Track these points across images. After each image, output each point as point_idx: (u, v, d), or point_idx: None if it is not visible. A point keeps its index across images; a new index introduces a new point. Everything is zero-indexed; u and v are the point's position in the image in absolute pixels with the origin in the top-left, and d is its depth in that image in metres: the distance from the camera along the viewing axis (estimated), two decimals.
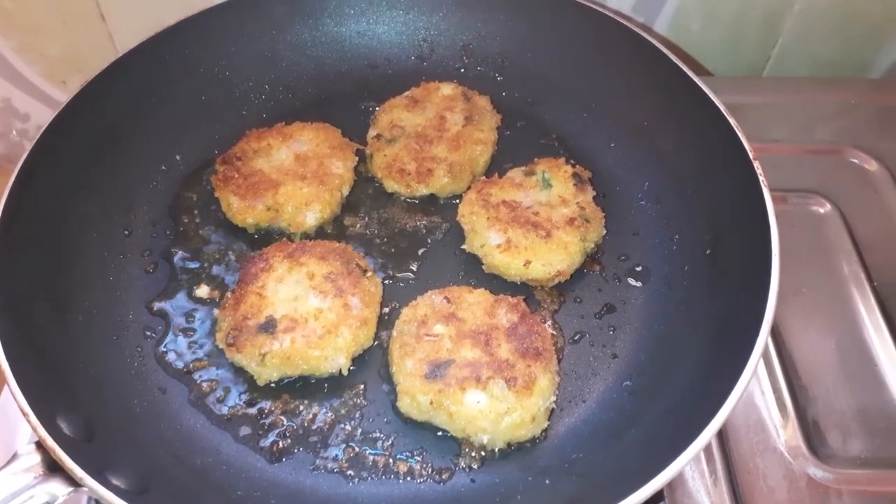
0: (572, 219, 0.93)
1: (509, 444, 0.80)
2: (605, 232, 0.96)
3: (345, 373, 0.85)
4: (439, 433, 0.82)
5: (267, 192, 0.96)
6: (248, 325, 0.84)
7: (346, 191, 1.01)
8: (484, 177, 1.00)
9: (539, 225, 0.93)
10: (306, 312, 0.85)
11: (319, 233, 0.99)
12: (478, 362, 0.81)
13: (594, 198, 0.97)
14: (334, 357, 0.84)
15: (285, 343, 0.83)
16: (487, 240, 0.93)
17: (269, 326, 0.84)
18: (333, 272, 0.88)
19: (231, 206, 0.97)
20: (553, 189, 0.97)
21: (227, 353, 0.85)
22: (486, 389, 0.79)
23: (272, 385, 0.86)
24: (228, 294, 0.90)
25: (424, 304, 0.87)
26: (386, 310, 0.92)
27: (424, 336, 0.83)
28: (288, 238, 0.96)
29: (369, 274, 0.91)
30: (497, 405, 0.78)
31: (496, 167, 1.05)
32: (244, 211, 0.96)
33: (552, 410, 0.83)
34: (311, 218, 0.96)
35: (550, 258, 0.91)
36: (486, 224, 0.94)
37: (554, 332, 0.90)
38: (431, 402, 0.79)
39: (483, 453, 0.81)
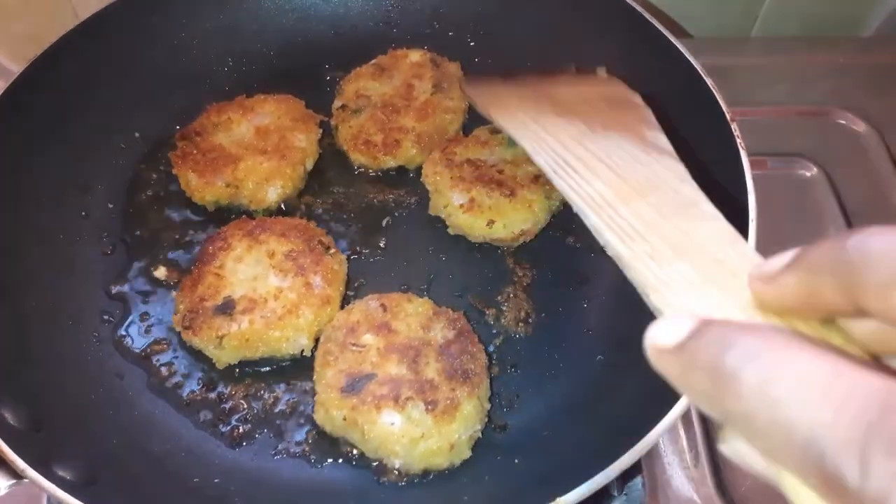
0: (537, 176, 0.90)
1: (425, 471, 0.75)
2: None
3: (307, 353, 0.82)
4: None
5: (226, 168, 0.92)
6: (204, 307, 0.81)
7: (309, 165, 0.97)
8: (448, 139, 0.96)
9: (503, 183, 0.90)
10: (266, 292, 0.82)
11: (283, 209, 0.95)
12: (400, 380, 0.75)
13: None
14: (295, 338, 0.81)
15: (243, 325, 0.80)
16: (450, 200, 0.90)
17: (226, 308, 0.81)
18: (294, 250, 0.85)
19: (190, 183, 0.93)
20: (518, 147, 0.92)
21: (184, 336, 0.82)
22: (402, 411, 0.73)
23: (233, 368, 0.82)
24: (186, 275, 0.86)
25: (359, 309, 0.82)
26: (352, 288, 0.89)
27: (350, 345, 0.78)
28: (249, 216, 0.93)
29: (332, 251, 0.87)
30: (412, 429, 0.72)
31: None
32: (203, 188, 0.92)
33: (478, 438, 0.77)
34: (273, 194, 0.93)
35: (514, 217, 0.89)
36: (450, 184, 0.90)
37: (527, 309, 0.87)
38: (345, 418, 0.73)
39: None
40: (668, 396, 0.68)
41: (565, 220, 0.94)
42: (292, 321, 0.80)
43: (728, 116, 0.84)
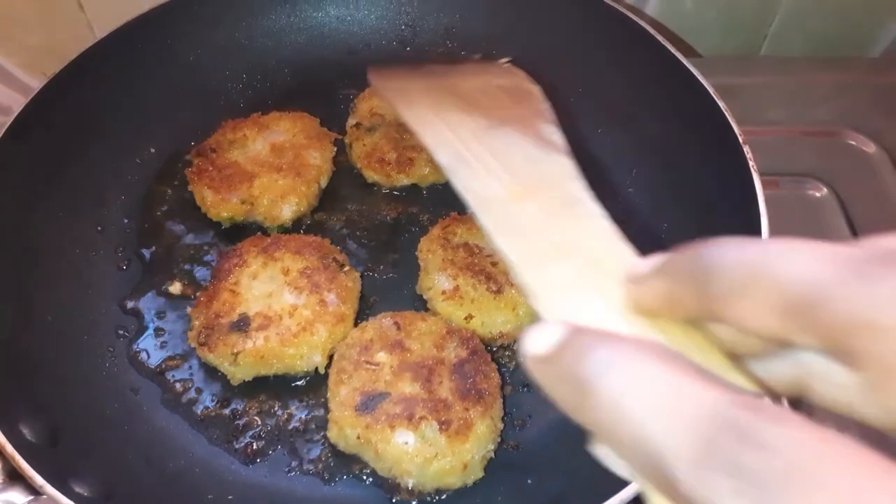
0: None
1: (438, 490, 0.75)
2: None
3: (321, 371, 0.82)
4: None
5: (241, 185, 0.93)
6: (220, 324, 0.82)
7: (323, 182, 0.98)
8: (455, 213, 0.94)
9: (492, 277, 0.86)
10: (281, 309, 0.83)
11: (297, 226, 0.96)
12: (414, 399, 0.75)
13: None
14: (310, 355, 0.81)
15: (259, 341, 0.80)
16: (435, 283, 0.86)
17: (242, 324, 0.81)
18: (309, 267, 0.85)
19: (205, 199, 0.94)
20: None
21: (199, 353, 0.82)
22: (416, 430, 0.73)
23: (247, 385, 0.83)
24: (202, 291, 0.87)
25: (373, 327, 0.82)
26: (366, 306, 0.89)
27: (365, 363, 0.78)
28: (264, 232, 0.94)
29: (347, 268, 0.88)
30: (425, 448, 0.72)
31: None
32: (218, 205, 0.93)
33: (490, 458, 0.77)
34: (288, 211, 0.94)
35: (495, 316, 0.84)
36: (440, 266, 0.87)
37: None
38: (359, 437, 0.74)
39: None
40: None
41: None
42: (307, 338, 0.81)
43: (741, 139, 0.85)
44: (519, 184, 0.48)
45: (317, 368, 0.82)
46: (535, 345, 0.32)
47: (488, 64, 0.74)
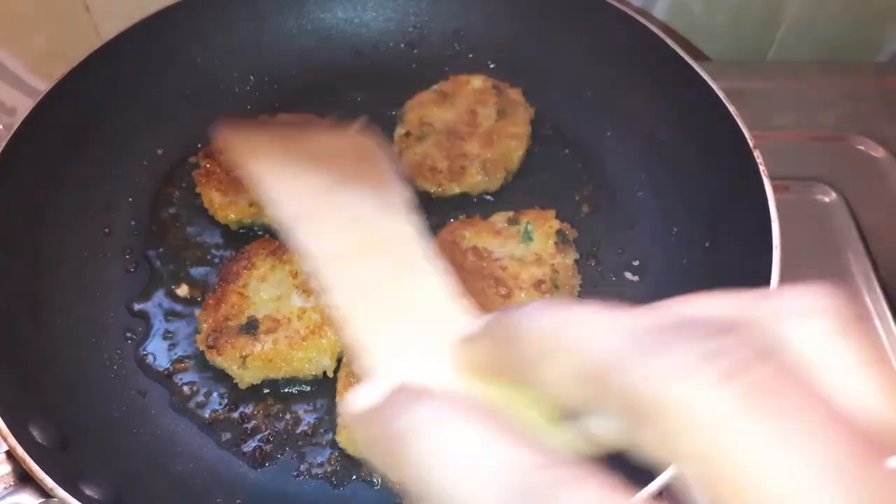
0: (540, 281, 0.85)
1: None
2: None
3: (330, 374, 0.82)
4: None
5: (249, 188, 0.93)
6: (228, 327, 0.81)
7: None
8: (464, 216, 0.94)
9: (501, 281, 0.85)
10: (289, 312, 0.82)
11: None
12: None
13: (576, 261, 0.90)
14: (318, 358, 0.81)
15: (267, 345, 0.80)
16: None
17: (250, 327, 0.81)
18: None
19: (213, 202, 0.94)
20: (532, 244, 0.89)
21: (208, 356, 0.82)
22: None
23: (255, 388, 0.83)
24: (209, 294, 0.87)
25: None
26: None
27: None
28: (272, 235, 0.93)
29: None
30: None
31: None
32: (226, 207, 0.93)
33: None
34: None
35: None
36: (448, 269, 0.87)
37: None
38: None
39: None
40: None
41: (587, 245, 0.94)
42: (315, 341, 0.81)
43: (751, 144, 0.85)
44: (360, 242, 0.49)
45: (325, 372, 0.82)
46: (358, 402, 0.32)
47: (341, 125, 0.76)
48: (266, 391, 0.83)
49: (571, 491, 0.24)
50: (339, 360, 0.82)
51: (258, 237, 0.92)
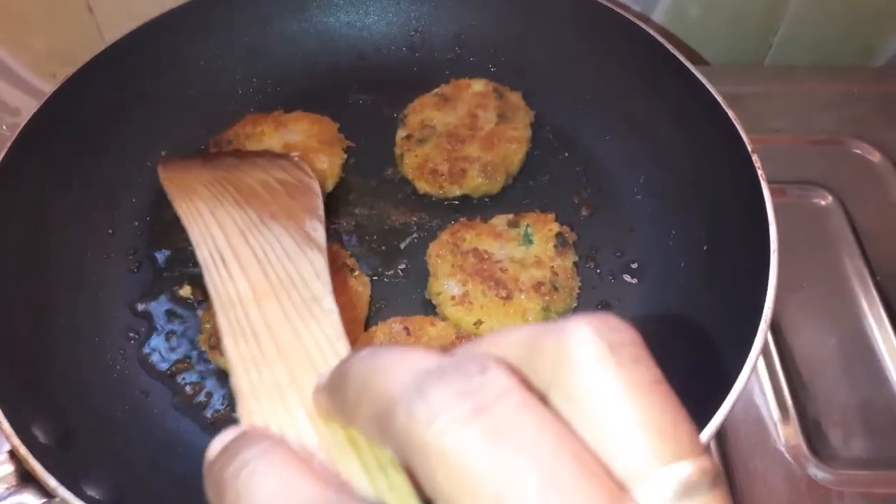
0: (540, 283, 0.85)
1: None
2: (575, 304, 0.88)
3: None
4: None
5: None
6: None
7: (328, 187, 0.98)
8: (464, 218, 0.95)
9: (502, 283, 0.86)
10: None
11: None
12: None
13: (575, 264, 0.90)
14: None
15: None
16: (444, 288, 0.86)
17: None
18: None
19: None
20: (532, 247, 0.90)
21: (210, 356, 0.83)
22: None
23: None
24: None
25: (382, 332, 0.82)
26: (373, 311, 0.90)
27: None
28: None
29: (357, 273, 0.89)
30: None
31: None
32: None
33: None
34: None
35: (505, 323, 0.83)
36: (449, 271, 0.87)
37: None
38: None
39: None
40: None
41: (586, 247, 0.95)
42: None
43: (750, 148, 0.85)
44: (268, 283, 0.51)
45: None
46: (210, 450, 0.34)
47: (279, 157, 0.79)
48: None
49: None
50: None
51: None
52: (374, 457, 0.33)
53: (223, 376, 0.84)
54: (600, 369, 0.27)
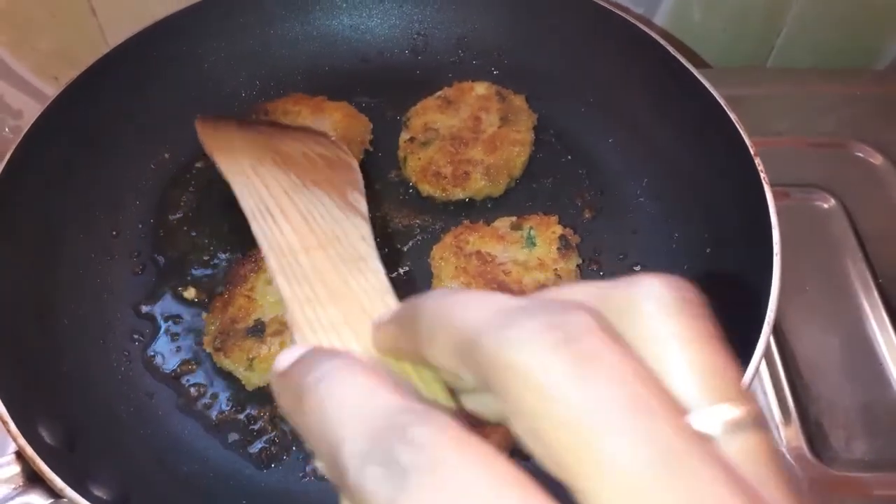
0: (542, 286, 0.85)
1: None
2: None
3: None
4: None
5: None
6: (235, 329, 0.82)
7: None
8: (467, 221, 0.94)
9: (505, 286, 0.86)
10: None
11: None
12: None
13: (578, 266, 0.90)
14: None
15: (274, 347, 0.81)
16: None
17: (257, 330, 0.82)
18: None
19: None
20: (535, 249, 0.90)
21: (215, 358, 0.83)
22: None
23: (262, 390, 0.83)
24: (217, 297, 0.88)
25: None
26: None
27: None
28: None
29: None
30: None
31: None
32: None
33: None
34: None
35: None
36: (452, 273, 0.88)
37: None
38: None
39: None
40: None
41: (589, 250, 0.95)
42: None
43: (752, 151, 0.86)
44: (314, 237, 0.53)
45: None
46: (279, 362, 0.36)
47: (317, 133, 0.78)
48: (273, 394, 0.84)
49: (428, 428, 0.27)
50: None
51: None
52: (435, 388, 0.36)
53: (228, 378, 0.85)
54: (668, 317, 0.30)
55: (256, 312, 0.84)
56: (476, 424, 0.35)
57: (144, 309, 0.91)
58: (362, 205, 0.60)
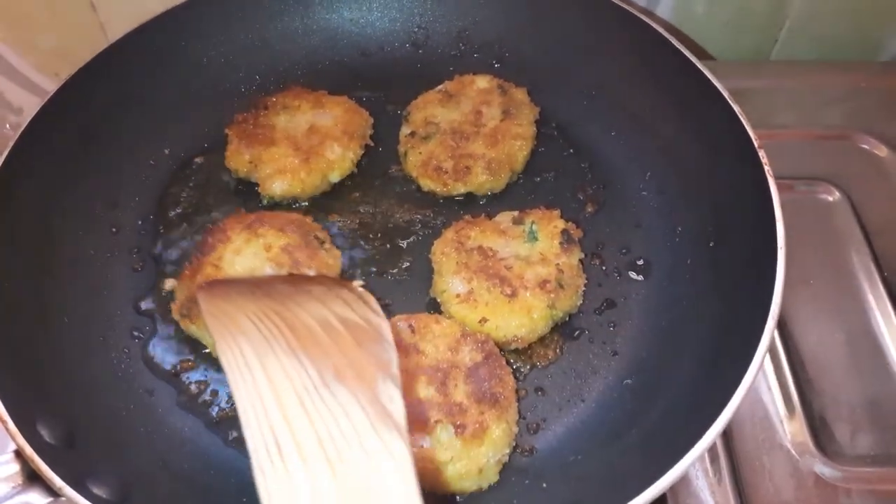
0: (545, 281, 0.85)
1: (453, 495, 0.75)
2: (580, 302, 0.88)
3: None
4: None
5: (258, 146, 0.97)
6: None
7: (334, 178, 0.99)
8: (469, 215, 0.94)
9: (507, 281, 0.85)
10: None
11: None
12: (429, 403, 0.75)
13: (580, 261, 0.90)
14: None
15: None
16: (449, 286, 0.86)
17: None
18: (290, 244, 0.88)
19: (230, 145, 1.00)
20: (537, 244, 0.89)
21: (182, 325, 0.85)
22: (431, 434, 0.73)
23: None
24: (186, 265, 0.89)
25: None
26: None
27: None
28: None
29: (327, 246, 0.91)
30: (441, 452, 0.72)
31: None
32: (233, 155, 0.99)
33: (505, 463, 0.77)
34: (278, 188, 0.97)
35: (509, 320, 0.83)
36: (454, 269, 0.87)
37: (554, 333, 0.87)
38: None
39: None
40: (697, 424, 0.69)
41: (591, 244, 0.94)
42: None
43: (756, 143, 0.85)
44: (324, 460, 0.45)
45: None
46: None
47: (339, 285, 0.63)
48: None
49: None
50: None
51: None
52: None
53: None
54: None
55: None
56: None
57: (144, 306, 0.90)
58: (397, 405, 0.49)
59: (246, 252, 0.87)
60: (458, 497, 0.76)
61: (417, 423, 0.74)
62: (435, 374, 0.78)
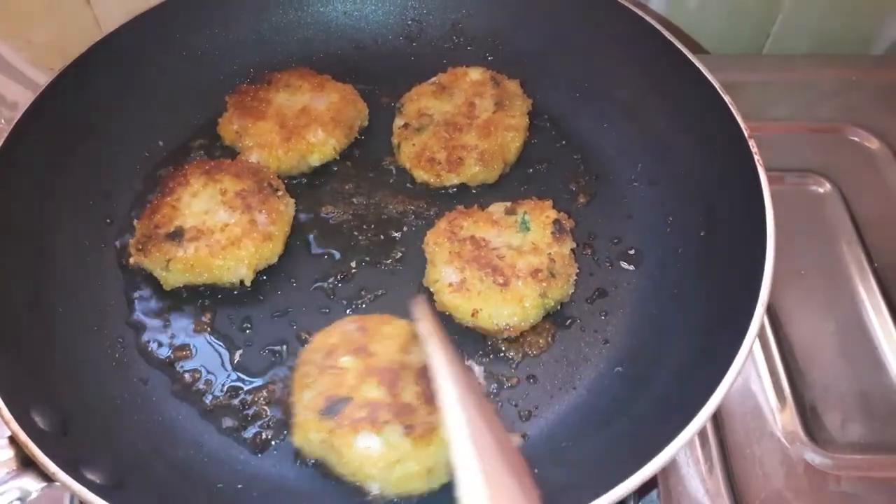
0: (537, 270, 0.85)
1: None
2: (572, 291, 0.88)
3: (247, 284, 0.89)
4: None
5: (248, 119, 1.00)
6: (157, 234, 0.88)
7: (314, 161, 1.01)
8: (462, 206, 0.94)
9: (499, 270, 0.86)
10: (213, 225, 0.89)
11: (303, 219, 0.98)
12: (378, 403, 0.74)
13: (572, 251, 0.90)
14: (236, 267, 0.88)
15: (189, 251, 0.87)
16: (442, 276, 0.86)
17: (176, 235, 0.88)
18: (245, 190, 0.92)
19: (225, 113, 1.02)
20: (529, 234, 0.89)
21: (136, 258, 0.88)
22: (380, 434, 0.72)
23: (261, 378, 0.84)
24: (147, 205, 0.92)
25: (337, 331, 0.82)
26: (373, 298, 0.91)
27: (328, 367, 0.77)
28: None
29: (280, 193, 0.94)
30: (389, 453, 0.71)
31: None
32: (225, 123, 1.02)
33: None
34: (254, 158, 0.99)
35: (502, 309, 0.84)
36: (446, 259, 0.87)
37: (546, 321, 0.88)
38: (323, 441, 0.73)
39: None
40: (686, 410, 0.69)
41: (583, 234, 0.95)
42: (234, 252, 0.88)
43: (747, 134, 0.85)
44: None
45: (243, 281, 0.89)
46: None
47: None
48: (269, 376, 0.85)
49: None
50: (257, 273, 0.89)
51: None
52: None
53: (223, 363, 0.85)
54: None
55: (178, 220, 0.89)
56: None
57: (137, 295, 0.90)
58: None
59: (203, 195, 0.92)
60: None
61: (364, 423, 0.73)
62: (385, 375, 0.77)
